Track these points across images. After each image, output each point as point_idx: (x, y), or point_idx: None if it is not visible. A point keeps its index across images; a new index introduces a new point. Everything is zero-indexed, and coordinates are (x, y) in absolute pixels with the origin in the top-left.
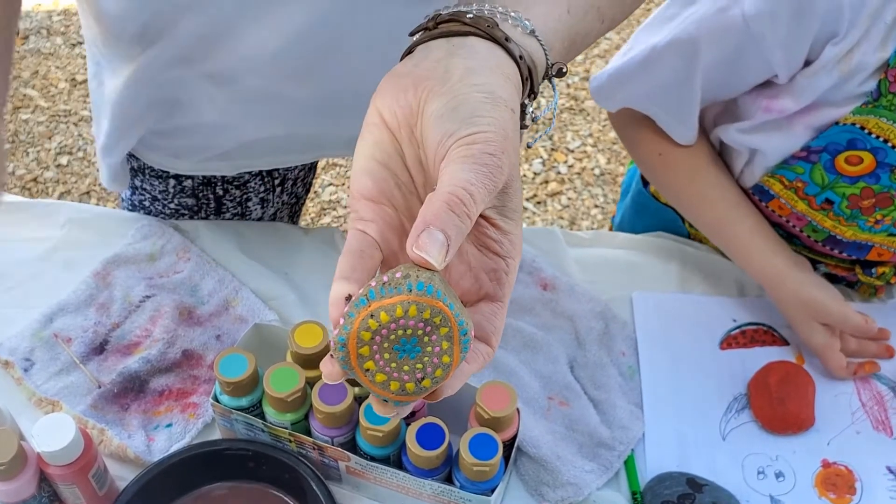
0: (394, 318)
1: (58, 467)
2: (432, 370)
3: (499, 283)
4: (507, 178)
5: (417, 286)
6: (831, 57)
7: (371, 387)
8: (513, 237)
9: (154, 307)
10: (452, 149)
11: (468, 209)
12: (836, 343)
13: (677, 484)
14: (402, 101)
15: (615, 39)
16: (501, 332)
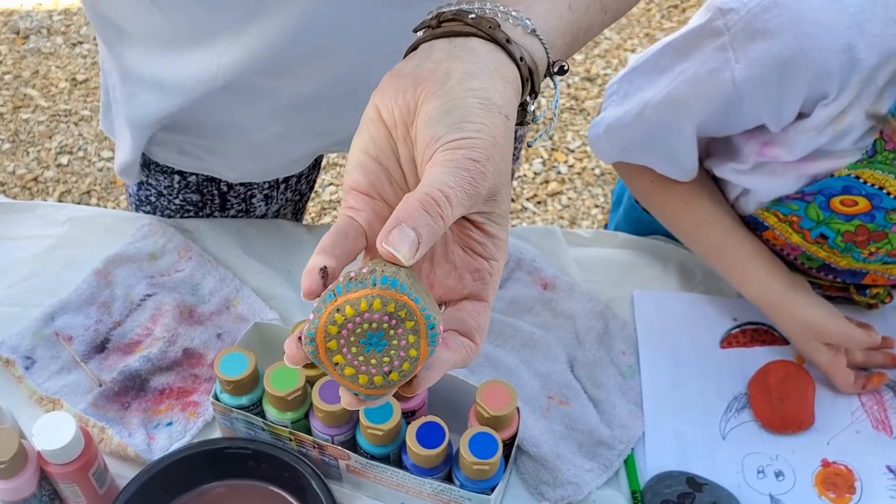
0: (358, 312)
1: (58, 466)
2: (399, 363)
3: (482, 282)
4: (495, 185)
5: (382, 280)
6: (823, 118)
7: (340, 380)
8: (497, 241)
9: (155, 306)
10: (438, 152)
11: (442, 210)
12: (842, 360)
13: (677, 483)
14: (401, 100)
15: (615, 39)
16: (486, 330)
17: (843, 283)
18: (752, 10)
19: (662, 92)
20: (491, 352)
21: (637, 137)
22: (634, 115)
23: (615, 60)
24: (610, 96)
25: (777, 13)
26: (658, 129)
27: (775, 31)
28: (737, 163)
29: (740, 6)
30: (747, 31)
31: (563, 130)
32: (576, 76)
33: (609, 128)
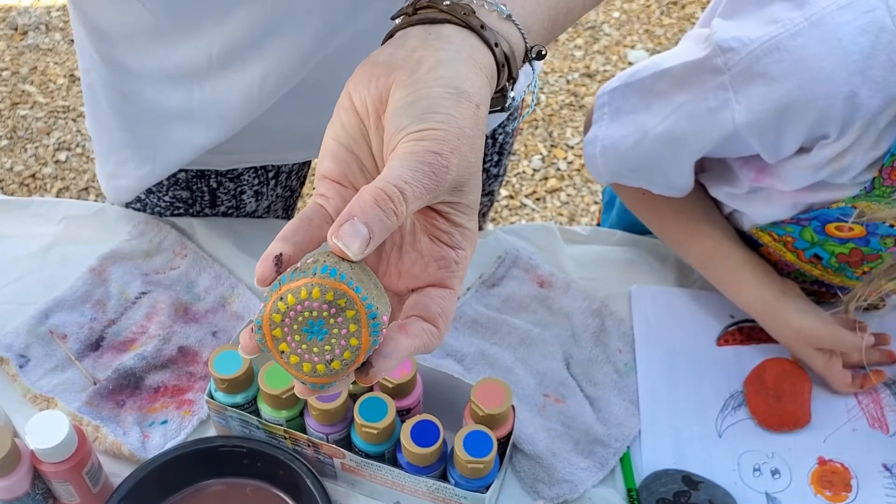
0: (299, 300)
1: (51, 465)
2: (340, 352)
3: (448, 270)
4: (461, 176)
5: (322, 269)
6: (823, 157)
7: (287, 368)
8: (464, 230)
9: (150, 304)
10: (400, 143)
11: (395, 206)
12: (837, 362)
13: (673, 481)
14: (373, 88)
15: (615, 35)
16: (450, 317)
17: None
18: (754, 53)
19: (661, 125)
20: (487, 349)
21: (633, 165)
22: (631, 144)
23: (614, 57)
24: (601, 107)
25: (779, 57)
26: (655, 159)
27: (777, 75)
28: (731, 186)
29: (741, 46)
30: (748, 72)
31: (562, 127)
32: (575, 72)
33: (605, 150)
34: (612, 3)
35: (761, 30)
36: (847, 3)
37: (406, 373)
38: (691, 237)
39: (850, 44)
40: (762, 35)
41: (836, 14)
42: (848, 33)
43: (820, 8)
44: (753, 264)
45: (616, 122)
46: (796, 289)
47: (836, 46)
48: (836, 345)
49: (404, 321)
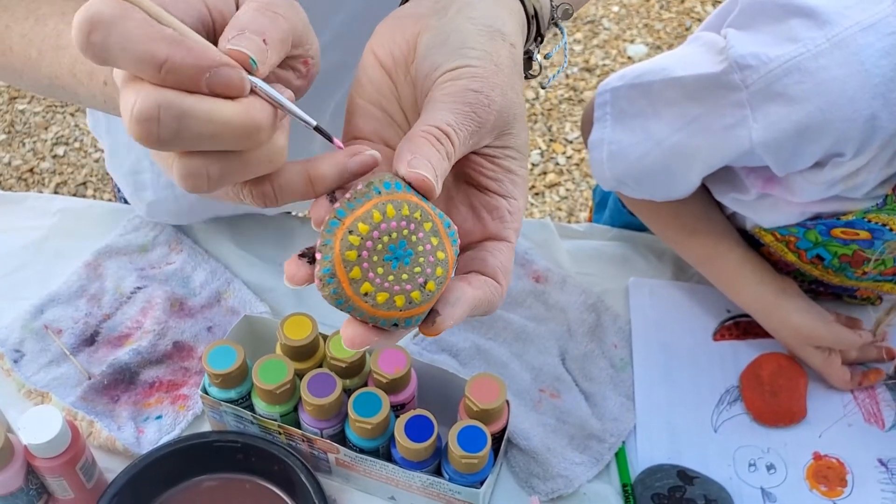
0: (374, 225)
1: (45, 460)
2: (432, 270)
3: (501, 221)
4: (505, 116)
5: (385, 186)
6: (837, 175)
7: (374, 312)
8: (515, 177)
9: (145, 299)
10: (436, 84)
11: (446, 147)
12: (836, 359)
13: (668, 476)
14: (399, 38)
15: (614, 30)
16: (510, 272)
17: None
18: (773, 72)
19: (674, 136)
20: (482, 344)
21: (640, 174)
22: (641, 153)
23: (614, 51)
24: (602, 106)
25: (799, 79)
26: (664, 169)
27: (797, 97)
28: (738, 193)
29: (759, 64)
30: (766, 92)
31: (561, 121)
32: (574, 67)
33: (612, 156)
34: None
35: (780, 48)
36: (870, 25)
37: (400, 368)
38: (691, 236)
39: (872, 67)
40: (782, 54)
41: (858, 36)
42: (870, 56)
43: (842, 28)
44: (753, 263)
45: (621, 125)
46: (795, 287)
47: (858, 70)
48: (834, 342)
49: (464, 275)
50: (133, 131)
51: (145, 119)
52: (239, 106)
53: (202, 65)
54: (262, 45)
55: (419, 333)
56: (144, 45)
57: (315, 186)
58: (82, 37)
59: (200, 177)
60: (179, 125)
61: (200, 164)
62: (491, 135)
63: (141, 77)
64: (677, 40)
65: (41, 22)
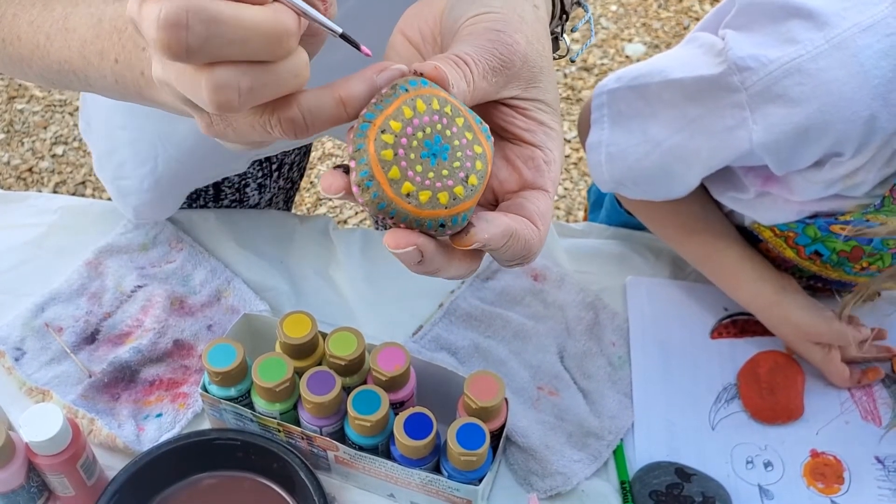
0: (407, 121)
1: (46, 457)
2: (472, 164)
3: (537, 170)
4: (532, 64)
5: (411, 83)
6: (835, 174)
7: (418, 213)
8: (548, 130)
9: (146, 297)
10: (460, 30)
11: (463, 70)
12: (835, 356)
13: (666, 473)
14: (427, 14)
15: (612, 29)
16: (549, 219)
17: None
18: (773, 74)
19: (673, 137)
20: (481, 342)
21: (639, 175)
22: (641, 155)
23: (612, 50)
24: (600, 107)
25: (799, 80)
26: (664, 170)
27: (798, 99)
28: (737, 192)
29: (759, 66)
30: (766, 93)
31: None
32: (572, 66)
33: (611, 158)
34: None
35: (779, 49)
36: (868, 26)
37: (399, 366)
38: (689, 234)
39: (871, 68)
40: (781, 56)
41: (857, 37)
42: (869, 57)
43: (841, 30)
44: (752, 260)
45: (619, 127)
46: (795, 284)
47: (857, 71)
48: (834, 339)
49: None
50: (160, 40)
51: (173, 24)
52: (267, 10)
53: None
54: None
55: (420, 329)
56: None
57: (346, 107)
58: None
59: (231, 89)
60: (208, 30)
61: (231, 74)
62: (519, 83)
63: None
64: (675, 39)
65: (48, 7)
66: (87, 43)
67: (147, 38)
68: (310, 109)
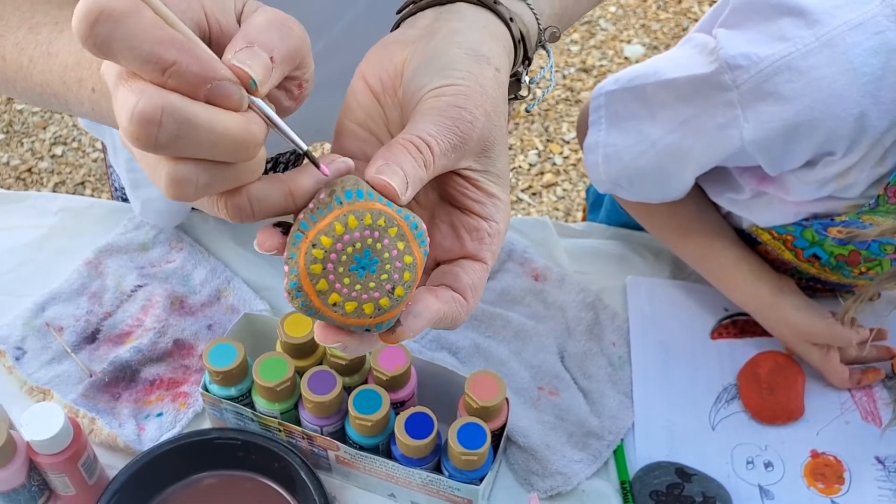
0: (337, 237)
1: (47, 456)
2: (399, 275)
3: (480, 242)
4: (487, 137)
5: (346, 196)
6: (828, 173)
7: (344, 320)
8: (497, 201)
9: (146, 297)
10: (422, 101)
11: (424, 155)
12: (834, 357)
13: (666, 473)
14: (388, 65)
15: (611, 30)
16: (480, 291)
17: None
18: (763, 71)
19: (667, 137)
20: (481, 342)
21: (635, 175)
22: (636, 154)
23: (611, 51)
24: (597, 109)
25: (789, 77)
26: (659, 170)
27: (788, 96)
28: (734, 192)
29: (749, 64)
30: (757, 91)
31: (558, 122)
32: (571, 67)
33: (608, 158)
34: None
35: (770, 47)
36: (858, 24)
37: (400, 365)
38: (687, 235)
39: (860, 65)
40: (772, 53)
41: (847, 35)
42: (859, 55)
43: (831, 28)
44: (750, 261)
45: (616, 128)
46: (793, 285)
47: (847, 68)
48: (833, 340)
49: (434, 287)
50: (130, 132)
51: (147, 120)
52: (239, 119)
53: (207, 75)
54: (269, 63)
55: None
56: (152, 46)
57: (295, 199)
58: (85, 26)
59: (189, 184)
60: (180, 131)
61: (191, 170)
62: (472, 155)
63: (140, 76)
64: (674, 41)
65: (34, 31)
66: (67, 69)
67: (118, 121)
68: (258, 199)
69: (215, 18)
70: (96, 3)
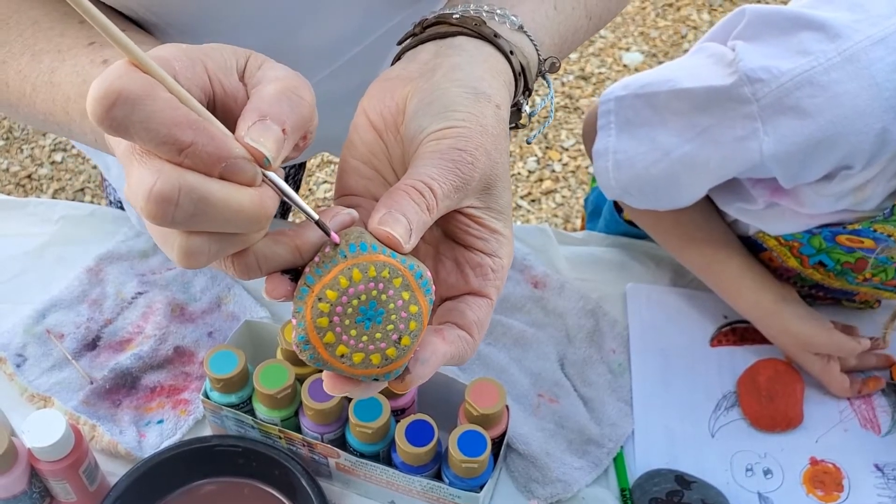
0: (342, 291)
1: (48, 463)
2: (405, 326)
3: (484, 278)
4: (489, 175)
5: (350, 249)
6: (845, 187)
7: (352, 371)
8: (500, 237)
9: (146, 304)
10: (423, 144)
11: (427, 200)
12: (835, 366)
13: (666, 481)
14: (389, 100)
15: (610, 38)
16: (486, 327)
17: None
18: (785, 86)
19: (683, 147)
20: (482, 350)
21: (646, 184)
22: (649, 163)
23: (609, 59)
24: (606, 114)
25: (812, 92)
26: (672, 180)
27: (810, 111)
28: (745, 203)
29: (771, 78)
30: (778, 105)
31: (557, 129)
32: (570, 75)
33: (619, 165)
34: None
35: (791, 61)
36: (880, 39)
37: None
38: (692, 243)
39: (883, 80)
40: (794, 68)
41: (869, 50)
42: (881, 70)
43: (853, 42)
44: (753, 270)
45: (626, 134)
46: (794, 294)
47: (869, 84)
48: (833, 349)
49: (440, 326)
50: (147, 210)
51: (164, 200)
52: (254, 194)
53: (221, 154)
54: (281, 136)
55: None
56: (169, 129)
57: (302, 254)
58: (101, 109)
59: (202, 255)
60: (196, 209)
61: (203, 243)
62: (475, 193)
63: (156, 154)
64: (673, 48)
65: (37, 58)
66: (70, 101)
67: (131, 199)
68: (266, 256)
69: (218, 80)
70: (112, 86)
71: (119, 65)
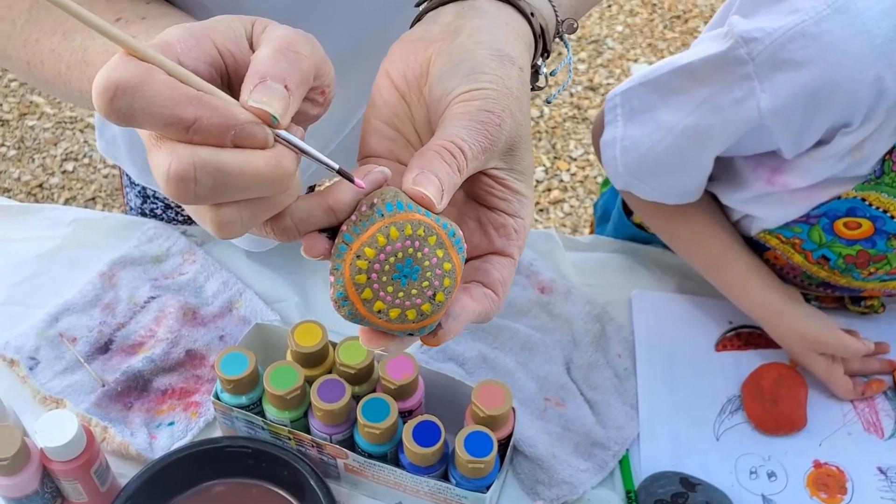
0: (380, 248)
1: (60, 463)
2: (440, 282)
3: (507, 238)
4: (513, 137)
5: (387, 208)
6: (843, 146)
7: (389, 326)
8: (522, 198)
9: (159, 308)
10: (451, 105)
11: (458, 160)
12: (839, 368)
13: (671, 483)
14: (412, 61)
15: (618, 49)
16: (509, 286)
17: (839, 296)
18: (778, 41)
19: (686, 120)
20: (488, 353)
21: (652, 164)
22: (654, 142)
23: (618, 70)
24: (613, 109)
25: (804, 44)
26: (677, 156)
27: (803, 62)
28: (743, 192)
29: (764, 35)
30: (772, 60)
31: (565, 139)
32: (578, 85)
33: (625, 150)
34: (615, 17)
35: (783, 19)
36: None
37: (408, 374)
38: (699, 242)
39: (874, 27)
40: (785, 24)
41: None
42: (871, 17)
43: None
44: (760, 270)
45: (633, 122)
46: (800, 295)
47: (860, 30)
48: (839, 349)
49: (467, 285)
50: (169, 191)
51: (182, 179)
52: (268, 156)
53: (228, 123)
54: (285, 92)
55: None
56: (171, 109)
57: (337, 214)
58: (105, 103)
59: (235, 224)
60: (215, 182)
61: (234, 212)
62: (499, 155)
63: (168, 136)
64: None
65: (68, 37)
66: None
67: (157, 181)
68: (302, 219)
69: (228, 51)
70: (109, 78)
71: (115, 57)
